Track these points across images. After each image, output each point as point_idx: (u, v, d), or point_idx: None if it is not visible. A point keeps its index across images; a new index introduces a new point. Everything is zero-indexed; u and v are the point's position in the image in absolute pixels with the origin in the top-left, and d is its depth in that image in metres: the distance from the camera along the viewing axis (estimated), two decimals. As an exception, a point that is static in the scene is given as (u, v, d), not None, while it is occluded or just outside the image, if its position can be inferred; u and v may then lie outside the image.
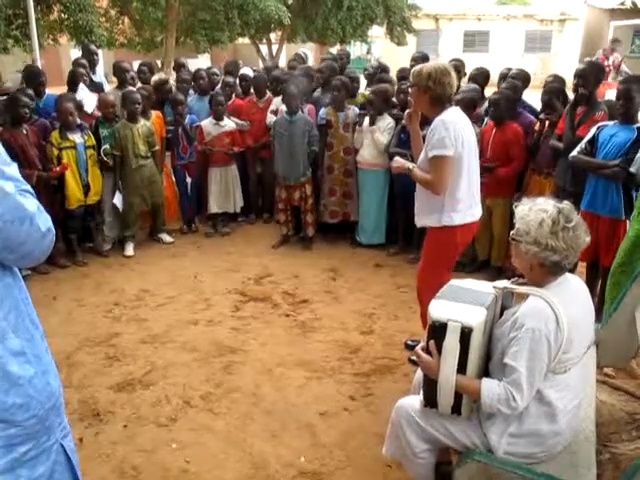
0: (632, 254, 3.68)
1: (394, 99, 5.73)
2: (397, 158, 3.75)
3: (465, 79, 6.25)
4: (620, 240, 3.90)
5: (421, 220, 3.65)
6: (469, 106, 4.87)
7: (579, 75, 4.37)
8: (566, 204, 2.18)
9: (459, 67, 6.19)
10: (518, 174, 4.97)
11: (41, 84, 5.81)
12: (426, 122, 3.79)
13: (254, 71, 7.51)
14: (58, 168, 5.20)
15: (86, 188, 5.48)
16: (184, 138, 6.16)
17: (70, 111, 5.28)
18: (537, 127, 4.94)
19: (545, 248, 2.12)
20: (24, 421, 1.60)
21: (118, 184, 5.75)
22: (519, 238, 2.20)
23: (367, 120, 5.55)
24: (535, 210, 2.17)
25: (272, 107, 6.32)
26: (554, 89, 4.80)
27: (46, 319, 4.38)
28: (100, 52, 13.93)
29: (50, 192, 5.26)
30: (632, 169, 3.75)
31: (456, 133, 3.33)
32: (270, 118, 6.18)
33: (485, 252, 5.26)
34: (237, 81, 6.82)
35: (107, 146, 5.61)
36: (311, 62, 8.20)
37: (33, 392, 1.62)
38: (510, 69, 5.96)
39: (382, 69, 6.78)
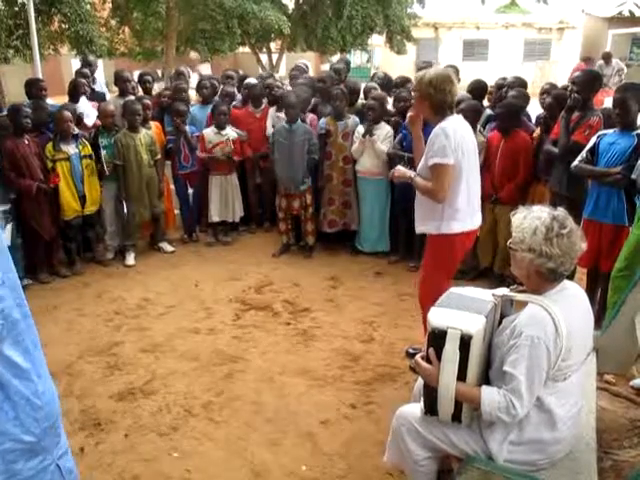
0: (633, 259, 3.70)
1: (392, 107, 5.76)
2: (399, 167, 3.75)
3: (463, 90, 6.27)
4: (622, 247, 3.92)
5: (420, 227, 3.66)
6: (472, 115, 4.89)
7: (574, 82, 4.42)
8: (560, 211, 2.19)
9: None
10: (525, 184, 4.98)
11: (41, 89, 5.82)
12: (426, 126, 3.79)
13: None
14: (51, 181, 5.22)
15: (83, 199, 5.47)
16: (186, 147, 6.19)
17: (66, 119, 5.29)
18: (537, 133, 4.98)
19: (540, 255, 2.13)
20: (19, 435, 1.59)
21: (122, 194, 5.77)
22: (515, 246, 2.21)
23: (360, 128, 5.57)
24: (529, 218, 2.18)
25: (269, 120, 6.36)
26: (560, 95, 4.81)
27: (47, 328, 4.39)
28: (100, 62, 14.01)
29: (50, 202, 5.27)
30: (633, 176, 3.76)
31: (457, 141, 3.33)
32: (270, 130, 6.22)
33: (488, 260, 5.25)
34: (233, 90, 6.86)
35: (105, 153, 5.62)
36: (311, 72, 8.20)
37: (30, 410, 1.61)
38: (505, 78, 6.01)
39: (387, 81, 6.79)
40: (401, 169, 3.68)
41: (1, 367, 1.54)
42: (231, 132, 6.16)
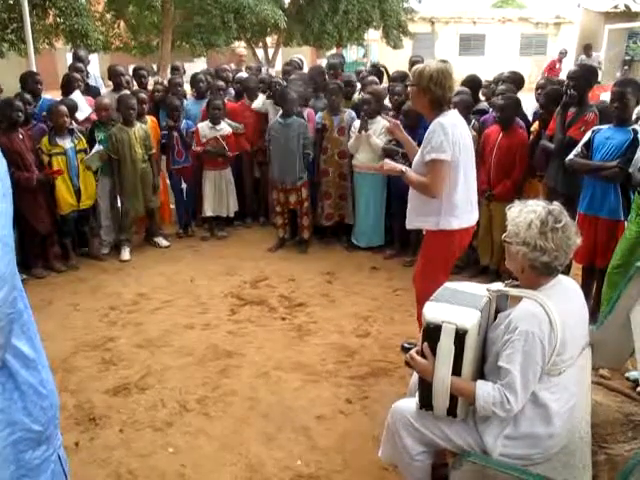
0: (630, 255, 3.70)
1: (387, 102, 5.76)
2: (387, 160, 3.72)
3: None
4: (617, 242, 3.92)
5: (414, 223, 3.64)
6: (464, 111, 4.87)
7: (570, 77, 4.41)
8: (556, 205, 2.19)
9: None
10: (520, 181, 4.95)
11: (37, 82, 5.79)
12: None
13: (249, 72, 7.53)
14: (54, 170, 5.20)
15: (78, 193, 5.45)
16: (179, 142, 6.17)
17: (62, 114, 5.26)
18: (535, 127, 4.97)
19: (534, 249, 2.12)
20: (29, 424, 1.60)
21: (117, 189, 5.77)
22: (510, 240, 2.20)
23: (357, 123, 5.57)
24: (525, 212, 2.18)
25: (257, 105, 6.36)
26: (553, 91, 4.81)
27: (42, 323, 4.35)
28: (96, 56, 13.93)
29: (47, 195, 5.26)
30: (631, 169, 3.76)
31: (454, 138, 3.31)
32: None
33: (487, 257, 5.23)
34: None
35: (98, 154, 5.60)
36: (306, 67, 8.18)
37: (37, 398, 1.62)
38: (502, 73, 6.00)
39: (376, 72, 6.78)
40: (390, 162, 3.63)
41: (11, 357, 1.54)
42: (226, 127, 6.14)
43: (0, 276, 1.40)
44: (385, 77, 6.78)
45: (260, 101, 6.33)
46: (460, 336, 2.14)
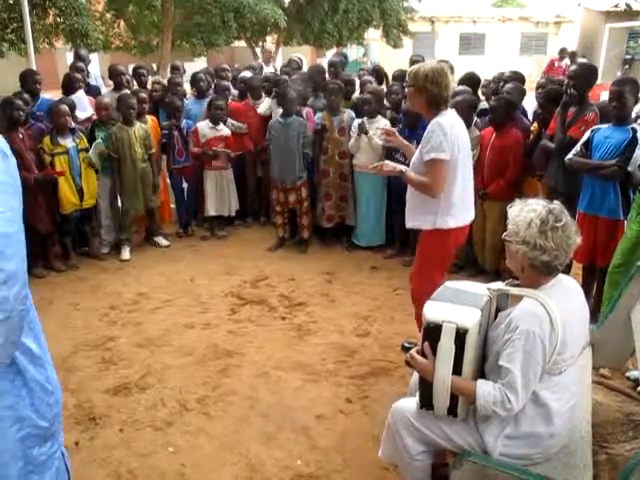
0: (630, 255, 3.70)
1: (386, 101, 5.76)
2: (387, 161, 3.74)
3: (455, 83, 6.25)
4: (618, 241, 3.91)
5: (412, 222, 3.64)
6: (467, 110, 4.85)
7: (570, 76, 4.40)
8: (556, 204, 2.19)
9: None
10: (514, 181, 4.94)
11: (36, 82, 5.79)
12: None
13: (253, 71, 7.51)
14: (57, 170, 5.20)
15: (80, 192, 5.45)
16: (180, 142, 6.16)
17: (63, 113, 5.26)
18: (534, 127, 4.96)
19: (534, 248, 2.12)
20: (36, 420, 1.61)
21: (117, 188, 5.77)
22: (510, 238, 2.20)
23: (356, 123, 5.55)
24: (525, 211, 2.18)
25: (263, 109, 6.35)
26: (552, 91, 4.80)
27: (42, 323, 4.35)
28: (96, 55, 13.92)
29: (48, 195, 5.26)
30: (630, 168, 3.76)
31: (453, 137, 3.32)
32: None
33: (482, 256, 5.24)
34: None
35: (97, 149, 5.59)
36: (305, 67, 8.17)
37: (43, 395, 1.63)
38: (503, 73, 5.99)
39: (376, 75, 6.77)
40: (390, 163, 3.65)
41: (19, 353, 1.55)
42: (225, 129, 6.14)
43: (13, 273, 1.40)
44: (385, 82, 6.77)
45: (267, 105, 6.31)
46: (461, 335, 2.13)
